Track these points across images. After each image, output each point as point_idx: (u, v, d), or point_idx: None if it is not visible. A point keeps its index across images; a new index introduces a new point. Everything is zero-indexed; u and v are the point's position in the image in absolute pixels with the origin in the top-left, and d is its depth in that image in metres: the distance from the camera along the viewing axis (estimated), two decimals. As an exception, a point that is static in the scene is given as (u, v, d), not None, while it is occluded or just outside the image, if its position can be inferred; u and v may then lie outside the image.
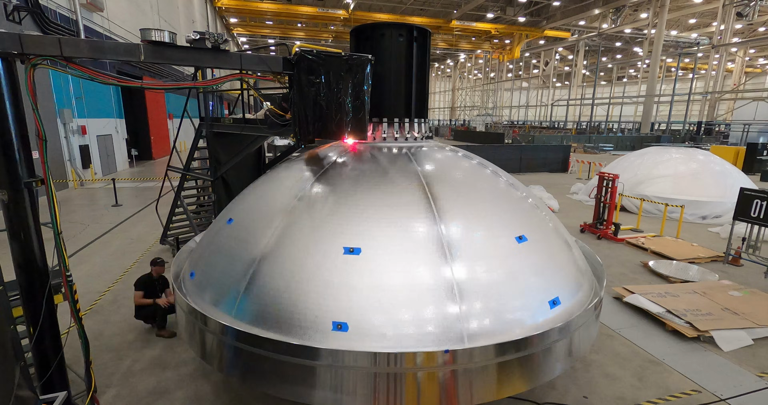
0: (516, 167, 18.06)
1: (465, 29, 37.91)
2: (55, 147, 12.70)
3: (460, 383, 2.58)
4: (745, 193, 6.77)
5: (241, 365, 2.78)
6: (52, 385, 2.92)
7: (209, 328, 2.84)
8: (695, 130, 34.75)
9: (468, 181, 3.54)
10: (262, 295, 2.79)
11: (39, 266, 2.83)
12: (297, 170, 3.70)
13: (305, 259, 2.81)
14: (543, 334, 2.69)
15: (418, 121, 3.89)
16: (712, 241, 8.50)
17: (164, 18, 22.34)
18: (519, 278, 2.92)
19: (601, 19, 34.81)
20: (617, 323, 5.03)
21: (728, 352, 4.39)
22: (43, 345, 2.89)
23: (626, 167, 11.45)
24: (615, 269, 6.79)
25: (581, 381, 3.90)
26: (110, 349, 4.33)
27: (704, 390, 3.79)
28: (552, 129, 43.73)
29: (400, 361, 2.46)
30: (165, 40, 2.83)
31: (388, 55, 3.61)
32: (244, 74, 3.33)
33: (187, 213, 6.88)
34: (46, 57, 2.58)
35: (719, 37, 29.51)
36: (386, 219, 2.93)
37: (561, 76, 58.03)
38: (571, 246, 3.62)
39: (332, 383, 2.53)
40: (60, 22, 11.99)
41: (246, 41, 46.34)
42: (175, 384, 3.76)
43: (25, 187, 2.71)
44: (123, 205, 11.06)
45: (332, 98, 3.26)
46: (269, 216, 3.23)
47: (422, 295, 2.67)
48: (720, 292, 5.64)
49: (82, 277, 6.19)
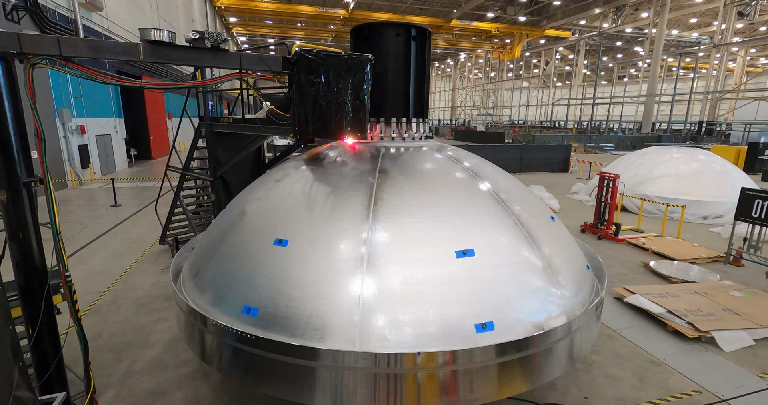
0: (516, 167, 18.02)
1: (465, 28, 37.83)
2: (54, 147, 12.67)
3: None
4: (747, 193, 6.74)
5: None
6: (50, 386, 2.91)
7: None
8: (696, 130, 34.73)
9: (433, 188, 3.31)
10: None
11: (38, 266, 2.82)
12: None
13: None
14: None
15: (418, 120, 3.87)
16: (713, 241, 8.47)
17: (163, 17, 22.28)
18: (440, 294, 2.71)
19: (601, 18, 34.78)
20: (618, 324, 5.01)
21: (729, 353, 4.37)
22: (42, 345, 2.88)
23: (627, 167, 11.41)
24: (616, 269, 6.77)
25: (582, 381, 3.88)
26: (109, 349, 4.31)
27: (705, 391, 3.77)
28: (553, 129, 43.69)
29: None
30: (164, 39, 2.82)
31: (387, 54, 3.59)
32: (244, 74, 3.32)
33: (187, 213, 6.85)
34: (45, 56, 2.57)
35: (720, 36, 29.46)
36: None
37: (562, 75, 58.00)
38: (549, 266, 3.11)
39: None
40: (59, 22, 11.93)
41: (245, 41, 46.25)
42: (174, 385, 3.74)
43: (24, 187, 2.69)
44: (122, 205, 11.05)
45: (332, 98, 3.25)
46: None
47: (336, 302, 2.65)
48: (721, 292, 5.62)
49: (81, 277, 6.17)
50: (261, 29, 38.53)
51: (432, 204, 3.12)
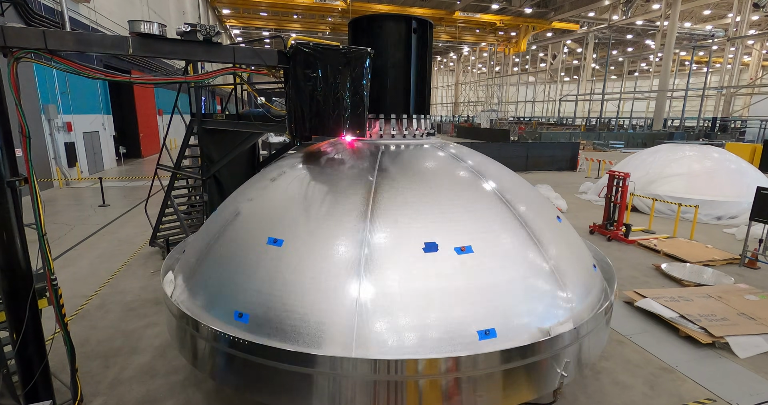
0: (522, 165, 17.82)
1: (469, 21, 37.24)
2: (39, 144, 12.30)
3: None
4: (762, 192, 6.59)
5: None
6: (36, 394, 2.85)
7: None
8: (710, 127, 34.11)
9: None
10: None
11: (22, 269, 2.75)
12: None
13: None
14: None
15: (419, 117, 3.77)
16: (727, 242, 8.29)
17: (153, 9, 21.78)
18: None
19: (611, 10, 34.11)
20: (628, 329, 4.90)
21: (744, 359, 4.28)
22: (27, 352, 2.82)
23: (637, 165, 11.19)
24: (626, 272, 6.65)
25: (591, 389, 3.79)
26: (97, 356, 4.20)
27: (719, 398, 3.69)
28: (560, 125, 43.30)
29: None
30: (154, 32, 2.76)
31: (387, 48, 3.49)
32: (238, 68, 3.22)
33: (178, 213, 6.69)
34: (30, 50, 2.50)
35: (735, 29, 28.82)
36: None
37: (569, 70, 57.17)
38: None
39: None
40: (44, 14, 11.56)
41: (239, 34, 45.04)
42: (165, 393, 3.66)
43: (7, 186, 2.63)
44: (111, 206, 10.82)
45: (330, 93, 3.17)
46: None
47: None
48: (736, 296, 5.49)
49: (68, 280, 6.03)
50: (256, 22, 37.72)
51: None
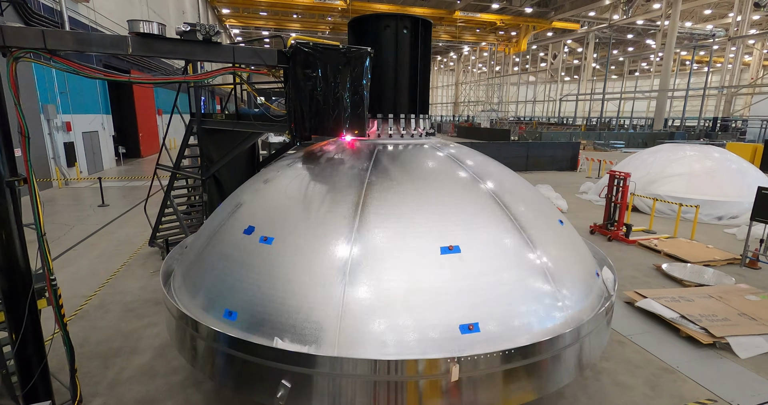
0: (522, 165, 17.78)
1: (469, 20, 37.13)
2: (38, 144, 12.22)
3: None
4: (763, 192, 6.56)
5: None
6: (35, 395, 2.85)
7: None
8: (710, 127, 34.01)
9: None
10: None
11: (21, 270, 2.74)
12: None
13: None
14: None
15: (419, 116, 3.76)
16: (728, 242, 8.26)
17: (153, 9, 21.70)
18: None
19: (611, 9, 34.04)
20: (629, 329, 4.88)
21: (745, 360, 4.26)
22: (26, 352, 2.81)
23: (638, 165, 11.15)
24: (626, 272, 6.62)
25: (591, 390, 3.77)
26: (96, 356, 4.18)
27: (720, 399, 3.68)
28: (560, 125, 43.19)
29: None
30: (154, 31, 2.75)
31: (387, 47, 3.48)
32: (237, 68, 3.22)
33: (178, 214, 6.66)
34: (29, 50, 2.50)
35: (736, 28, 28.74)
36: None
37: (570, 69, 57.06)
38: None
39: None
40: (44, 14, 11.54)
41: (239, 33, 44.93)
42: (164, 393, 3.64)
43: (7, 186, 2.63)
44: (110, 206, 10.77)
45: (330, 93, 3.16)
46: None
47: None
48: (736, 296, 5.47)
49: (67, 280, 6.00)
50: (255, 21, 37.59)
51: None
